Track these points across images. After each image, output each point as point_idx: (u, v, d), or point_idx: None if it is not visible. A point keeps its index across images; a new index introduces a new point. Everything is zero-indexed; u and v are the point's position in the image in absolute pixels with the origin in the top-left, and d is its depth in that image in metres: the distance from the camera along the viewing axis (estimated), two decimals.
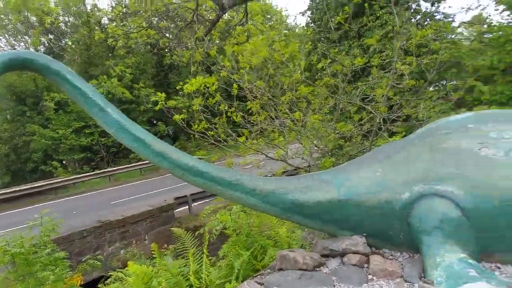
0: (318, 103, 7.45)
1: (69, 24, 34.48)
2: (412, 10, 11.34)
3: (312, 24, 13.51)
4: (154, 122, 33.30)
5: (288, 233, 4.30)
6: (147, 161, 3.97)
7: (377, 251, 3.38)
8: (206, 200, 14.92)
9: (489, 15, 11.12)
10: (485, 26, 9.62)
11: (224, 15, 15.43)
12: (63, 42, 33.81)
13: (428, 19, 10.59)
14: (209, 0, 13.79)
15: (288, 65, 7.22)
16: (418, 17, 11.39)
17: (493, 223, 2.91)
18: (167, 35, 25.35)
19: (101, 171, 26.23)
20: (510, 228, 2.89)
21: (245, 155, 6.88)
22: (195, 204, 15.71)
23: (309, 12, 13.66)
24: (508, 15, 8.73)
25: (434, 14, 11.83)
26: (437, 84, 8.77)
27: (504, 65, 7.36)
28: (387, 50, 7.52)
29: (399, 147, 3.60)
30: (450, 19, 11.87)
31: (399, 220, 3.16)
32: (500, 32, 8.17)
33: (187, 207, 15.75)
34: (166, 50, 30.33)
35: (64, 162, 29.31)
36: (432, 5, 12.55)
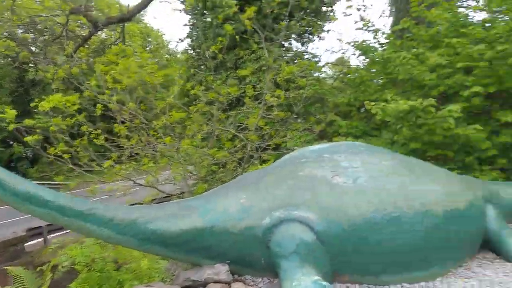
0: (193, 129, 7.38)
1: None
2: (284, 48, 12.25)
3: (191, 51, 13.62)
4: (10, 142, 29.17)
5: (152, 264, 4.01)
6: None
7: (240, 278, 3.36)
8: (66, 232, 13.36)
9: (349, 58, 12.65)
10: (346, 67, 10.82)
11: (97, 33, 14.59)
12: None
13: (298, 57, 11.50)
14: (83, 16, 12.92)
15: (163, 89, 7.05)
16: (289, 54, 12.32)
17: (342, 246, 3.11)
18: (32, 48, 22.90)
19: None
20: (355, 252, 3.13)
21: (111, 181, 6.37)
22: (52, 235, 13.90)
23: (189, 40, 13.78)
24: (364, 59, 9.96)
25: (304, 53, 12.95)
26: (304, 116, 9.47)
27: (359, 103, 8.26)
28: (261, 83, 7.88)
29: (263, 174, 3.69)
30: (317, 59, 13.16)
31: (261, 245, 3.20)
32: (356, 74, 9.26)
33: (42, 239, 13.88)
34: (30, 64, 27.30)
35: None
36: (302, 45, 13.71)
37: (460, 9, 7.69)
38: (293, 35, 12.85)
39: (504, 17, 6.81)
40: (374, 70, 9.22)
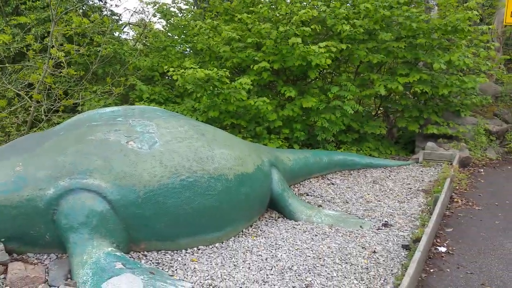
0: None
1: None
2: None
3: None
4: None
5: None
6: None
7: (20, 257, 3.00)
8: None
9: (151, 21, 12.08)
10: (147, 30, 10.45)
11: None
12: None
13: (93, 12, 10.46)
14: None
15: None
16: (84, 8, 11.06)
17: (139, 213, 3.08)
18: None
19: None
20: (153, 219, 3.15)
21: None
22: None
23: None
24: (166, 24, 9.80)
25: (101, 9, 11.82)
26: (103, 77, 8.79)
27: (162, 68, 8.13)
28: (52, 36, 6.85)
29: (45, 137, 3.31)
30: (116, 18, 12.26)
31: (44, 219, 2.91)
32: (157, 38, 9.12)
33: None
34: None
35: None
36: (100, 0, 12.50)
37: None
38: None
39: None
40: (176, 36, 9.25)
